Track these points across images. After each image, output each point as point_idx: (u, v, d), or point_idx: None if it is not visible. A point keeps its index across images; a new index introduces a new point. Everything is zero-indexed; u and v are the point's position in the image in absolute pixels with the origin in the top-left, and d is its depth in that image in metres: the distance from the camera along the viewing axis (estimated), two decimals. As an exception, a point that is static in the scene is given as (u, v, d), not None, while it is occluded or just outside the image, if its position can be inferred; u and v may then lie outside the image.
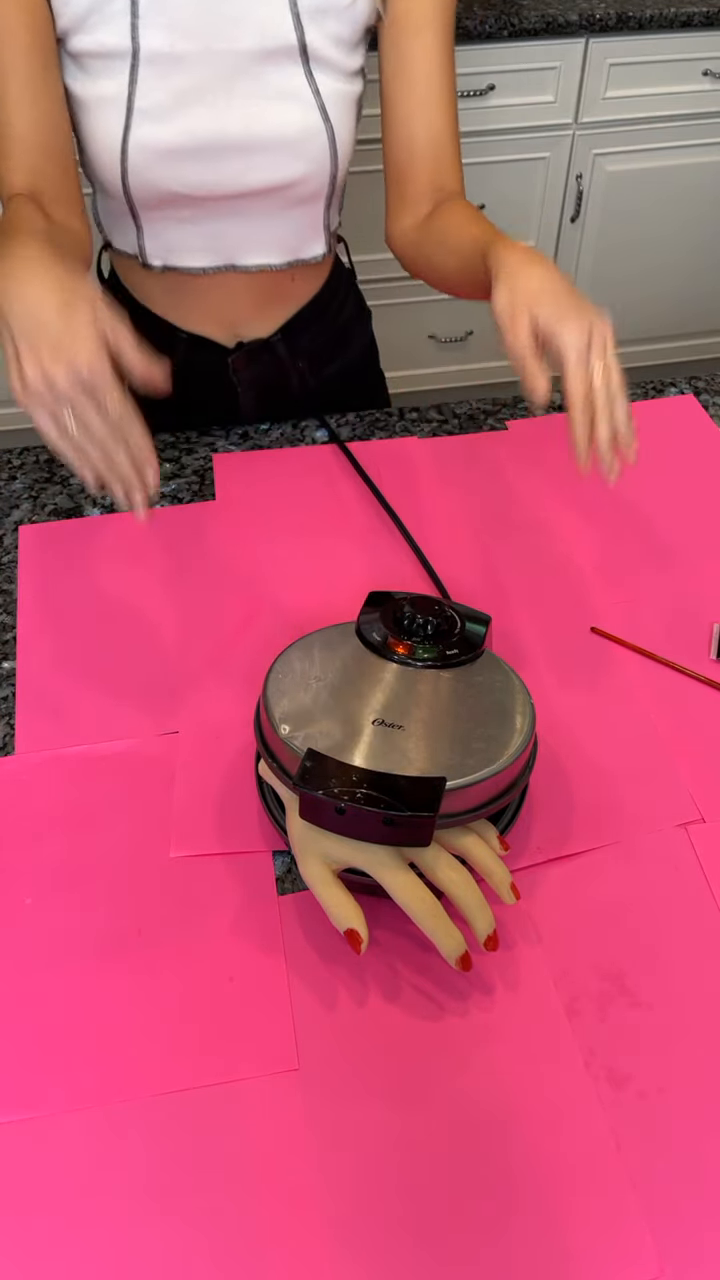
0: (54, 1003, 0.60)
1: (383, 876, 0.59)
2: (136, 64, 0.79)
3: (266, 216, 0.89)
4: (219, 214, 0.88)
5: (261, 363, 1.00)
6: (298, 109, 0.83)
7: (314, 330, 1.01)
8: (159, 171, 0.83)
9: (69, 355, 0.60)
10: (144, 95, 0.80)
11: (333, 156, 0.86)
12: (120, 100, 0.80)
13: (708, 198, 2.19)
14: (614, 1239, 0.52)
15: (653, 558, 0.88)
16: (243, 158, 0.84)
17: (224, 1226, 0.52)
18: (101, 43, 0.78)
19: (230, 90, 0.81)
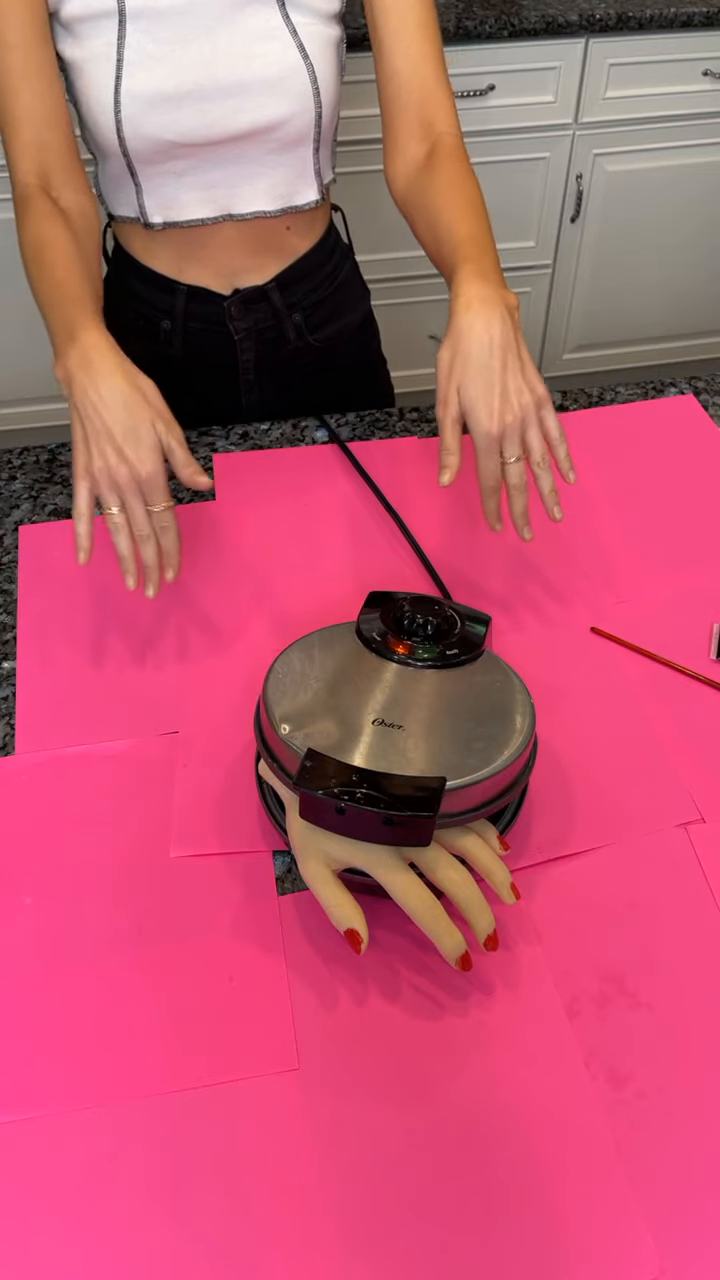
0: (54, 1003, 0.60)
1: (383, 876, 0.59)
2: (124, 20, 0.84)
3: (258, 163, 0.93)
4: (213, 162, 0.92)
5: (257, 311, 1.02)
6: (277, 48, 0.87)
7: (309, 284, 1.04)
8: (151, 120, 0.87)
9: (133, 457, 0.70)
10: (132, 47, 0.84)
11: (315, 95, 0.89)
12: (110, 55, 0.85)
13: (708, 198, 2.19)
14: (614, 1239, 0.52)
15: (653, 558, 0.88)
16: (230, 99, 0.87)
17: (224, 1226, 0.52)
18: (89, 6, 0.83)
19: (213, 35, 0.85)
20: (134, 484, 0.71)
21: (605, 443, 0.99)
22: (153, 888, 0.65)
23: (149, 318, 1.03)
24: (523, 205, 2.12)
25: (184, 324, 1.02)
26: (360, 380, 1.15)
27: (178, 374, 1.05)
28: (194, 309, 1.01)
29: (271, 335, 1.04)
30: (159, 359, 1.04)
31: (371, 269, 1.44)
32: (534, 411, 0.75)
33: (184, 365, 1.05)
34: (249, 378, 1.06)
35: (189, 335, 1.03)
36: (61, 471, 0.97)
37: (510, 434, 0.75)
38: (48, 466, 0.98)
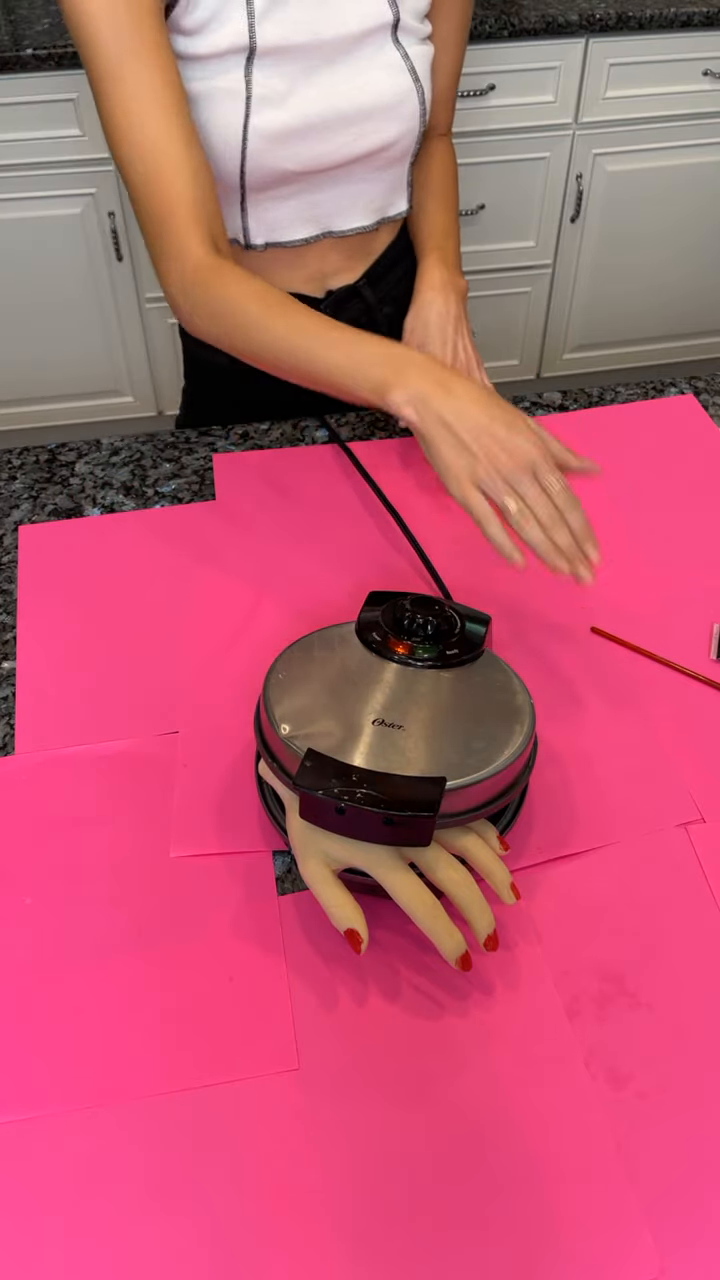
0: (54, 1003, 0.60)
1: (383, 876, 0.59)
2: (253, 58, 0.84)
3: (362, 181, 0.96)
4: (319, 186, 0.94)
5: (351, 309, 1.04)
6: (391, 75, 0.90)
7: (395, 274, 1.06)
8: (276, 154, 0.88)
9: (515, 445, 0.68)
10: (260, 84, 0.85)
11: (422, 114, 0.93)
12: (239, 92, 0.84)
13: (708, 198, 2.19)
14: (614, 1239, 0.52)
15: (653, 558, 0.88)
16: (350, 128, 0.90)
17: (224, 1226, 0.52)
18: (218, 44, 0.82)
19: (335, 69, 0.88)
20: (524, 471, 0.68)
21: (605, 443, 0.99)
22: (153, 888, 0.65)
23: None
24: (523, 205, 2.12)
25: None
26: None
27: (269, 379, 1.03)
28: None
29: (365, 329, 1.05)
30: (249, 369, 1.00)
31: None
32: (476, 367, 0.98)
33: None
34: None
35: None
36: (61, 471, 0.97)
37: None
38: (48, 466, 0.98)
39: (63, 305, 2.10)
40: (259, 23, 0.82)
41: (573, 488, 0.71)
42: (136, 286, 2.10)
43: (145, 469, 0.97)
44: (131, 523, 0.91)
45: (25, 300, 2.09)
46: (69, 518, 0.92)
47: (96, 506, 0.93)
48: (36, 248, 2.01)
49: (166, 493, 0.95)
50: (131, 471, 0.97)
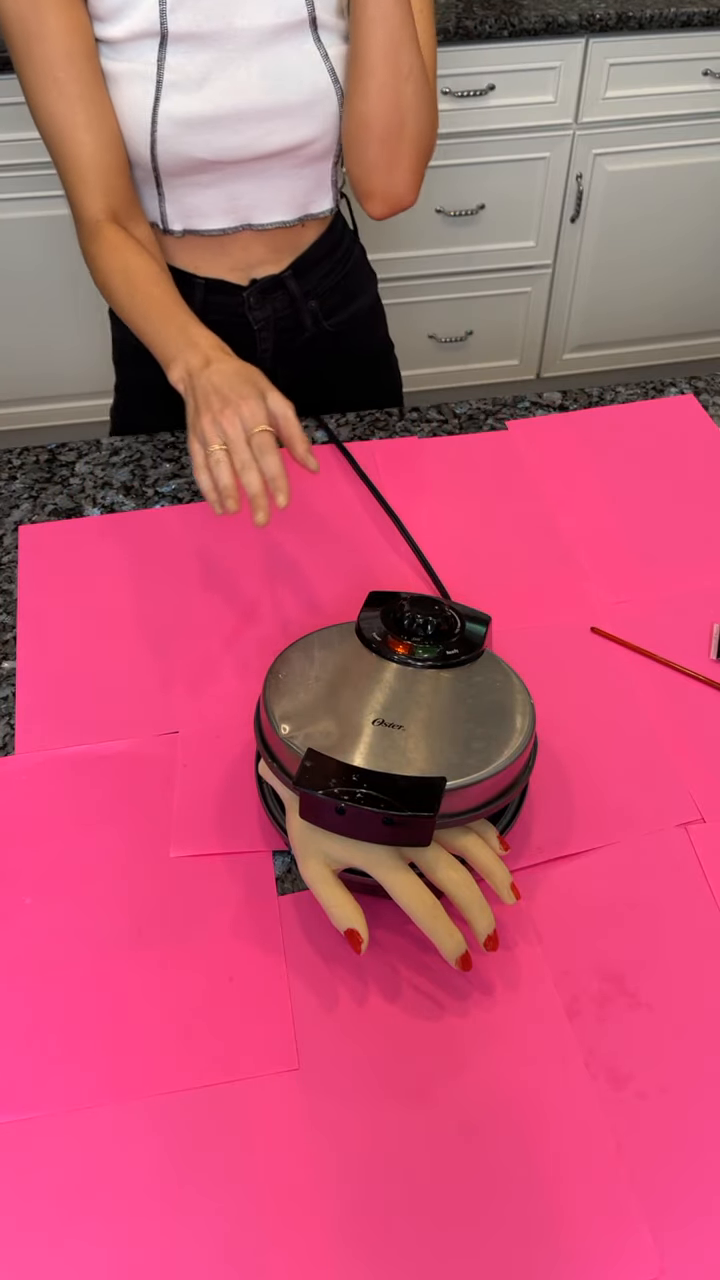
0: (54, 1003, 0.60)
1: (383, 876, 0.59)
2: (165, 44, 0.85)
3: (281, 177, 0.95)
4: (237, 177, 0.93)
5: (275, 300, 1.04)
6: (310, 73, 0.89)
7: (322, 270, 1.06)
8: (186, 140, 0.89)
9: (235, 397, 0.73)
10: (172, 70, 0.86)
11: (339, 117, 0.92)
12: (149, 76, 0.86)
13: (708, 198, 2.19)
14: (614, 1239, 0.52)
15: (653, 558, 0.88)
16: (262, 123, 0.90)
17: (224, 1226, 0.52)
18: (131, 29, 0.84)
19: (249, 61, 0.87)
20: (235, 417, 0.72)
21: (605, 443, 0.99)
22: (153, 888, 0.65)
23: None
24: (523, 205, 2.12)
25: (203, 316, 1.02)
26: (371, 365, 1.17)
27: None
28: (213, 300, 1.02)
29: (288, 324, 1.06)
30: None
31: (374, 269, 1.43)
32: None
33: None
34: (266, 366, 1.07)
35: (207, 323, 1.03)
36: (61, 471, 0.97)
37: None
38: (48, 466, 0.98)
39: (63, 305, 2.10)
40: (170, 9, 0.83)
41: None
42: (136, 286, 2.10)
43: (145, 469, 0.97)
44: (131, 523, 0.91)
45: (25, 300, 2.09)
46: (69, 518, 0.92)
47: (96, 506, 0.93)
48: (37, 248, 2.01)
49: (166, 493, 0.95)
50: (131, 471, 0.97)
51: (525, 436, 1.00)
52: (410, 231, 2.09)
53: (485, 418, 1.03)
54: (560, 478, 0.96)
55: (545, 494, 0.94)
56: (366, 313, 1.14)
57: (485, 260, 2.19)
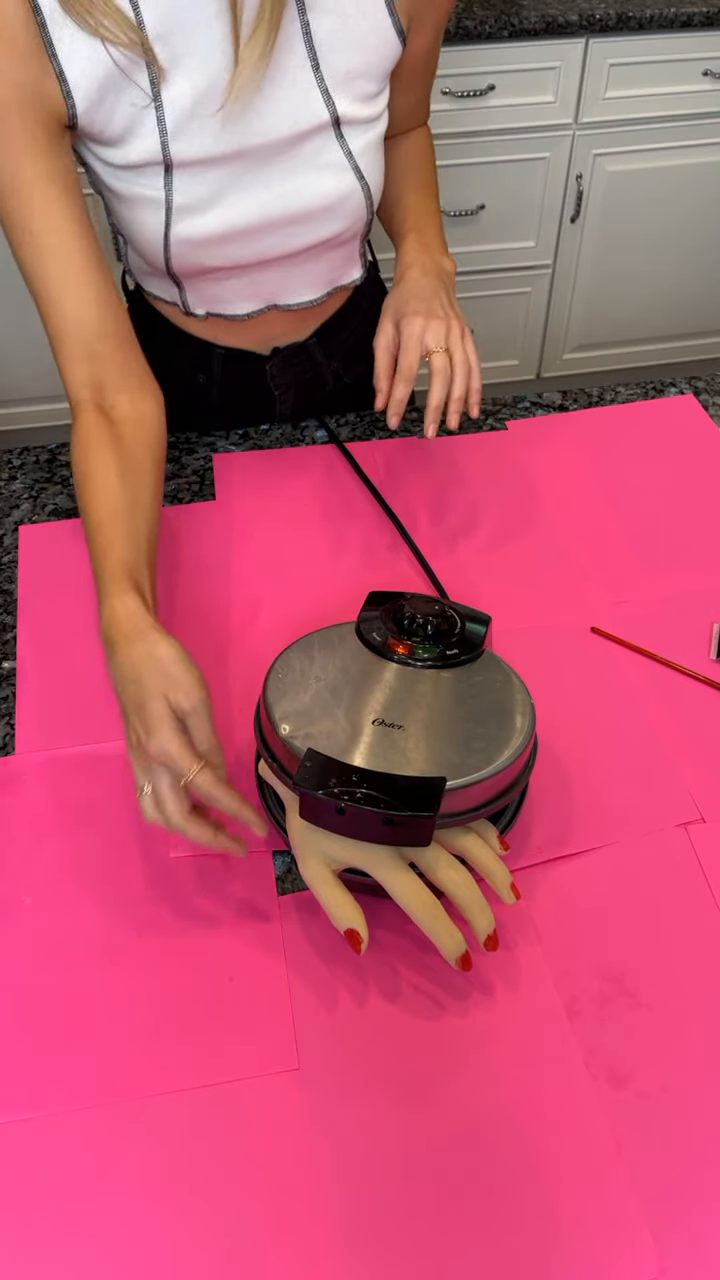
0: (54, 1003, 0.60)
1: (383, 876, 0.59)
2: (171, 172, 0.78)
3: (306, 263, 0.91)
4: (260, 270, 0.89)
5: (297, 366, 1.01)
6: (333, 176, 0.83)
7: (346, 331, 1.03)
8: (202, 254, 0.85)
9: (151, 739, 0.60)
10: (181, 192, 0.80)
11: (368, 206, 0.87)
12: (159, 201, 0.80)
13: (708, 198, 2.19)
14: (614, 1239, 0.52)
15: (653, 558, 0.88)
16: (283, 230, 0.85)
17: (224, 1226, 0.52)
18: (131, 159, 0.78)
19: (267, 175, 0.81)
20: (160, 769, 0.61)
21: (605, 443, 0.99)
22: (153, 888, 0.65)
23: (183, 372, 1.00)
24: (523, 205, 2.12)
25: (221, 380, 1.00)
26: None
27: (212, 416, 1.03)
28: (232, 368, 0.99)
29: (310, 385, 1.04)
30: (193, 403, 1.02)
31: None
32: (458, 329, 0.84)
33: (220, 411, 1.03)
34: (285, 416, 1.06)
35: (226, 389, 1.01)
36: (61, 471, 0.97)
37: (435, 327, 0.82)
38: (48, 466, 0.98)
39: (63, 305, 2.10)
40: (172, 140, 0.76)
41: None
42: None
43: (145, 469, 0.97)
44: (131, 523, 0.91)
45: (25, 300, 2.08)
46: (69, 518, 0.92)
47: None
48: (36, 248, 2.00)
49: (166, 493, 0.95)
50: (131, 471, 0.97)
51: (525, 437, 1.00)
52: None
53: (485, 418, 1.03)
54: (560, 478, 0.96)
55: (545, 494, 0.94)
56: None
57: (485, 260, 2.19)
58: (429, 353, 0.82)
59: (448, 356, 0.82)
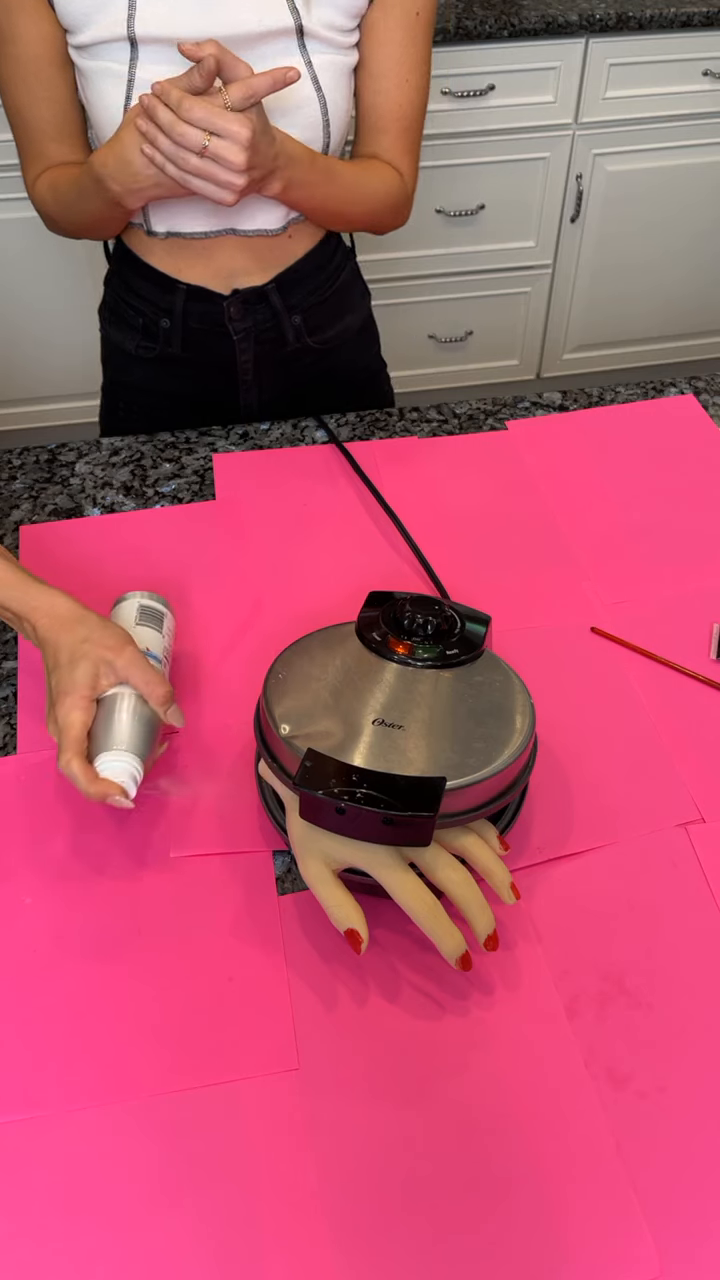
0: (54, 1003, 0.60)
1: (383, 876, 0.59)
2: (136, 49, 0.85)
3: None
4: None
5: (256, 311, 1.02)
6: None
7: (308, 286, 1.04)
8: None
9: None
10: (144, 69, 0.85)
11: (324, 125, 0.90)
12: (121, 74, 0.86)
13: (708, 198, 2.19)
14: (614, 1239, 0.52)
15: (653, 558, 0.88)
16: None
17: (224, 1226, 0.52)
18: (97, 36, 0.85)
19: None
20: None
21: (605, 443, 0.99)
22: (153, 888, 0.65)
23: (149, 315, 1.03)
24: (523, 205, 2.12)
25: (183, 322, 1.02)
26: (360, 384, 1.15)
27: (177, 372, 1.06)
28: (193, 308, 1.01)
29: (270, 336, 1.04)
30: (159, 357, 1.05)
31: (371, 269, 1.44)
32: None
33: (183, 363, 1.06)
34: (247, 378, 1.07)
35: (188, 334, 1.03)
36: (61, 471, 0.97)
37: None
38: (48, 466, 0.98)
39: (63, 305, 2.10)
40: (138, 14, 0.83)
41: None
42: (136, 286, 2.10)
43: (145, 469, 0.97)
44: (131, 523, 0.91)
45: (26, 300, 2.09)
46: (69, 518, 0.92)
47: (96, 506, 0.93)
48: (36, 248, 2.01)
49: (166, 493, 0.95)
50: (131, 471, 0.97)
51: (525, 436, 1.00)
52: (410, 231, 2.09)
53: (485, 418, 1.03)
54: (560, 478, 0.96)
55: (545, 494, 0.94)
56: (356, 332, 1.12)
57: (485, 260, 2.19)
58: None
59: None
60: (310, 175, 0.88)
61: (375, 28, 0.90)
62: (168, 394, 1.09)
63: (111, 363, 1.13)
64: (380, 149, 0.97)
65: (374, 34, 0.91)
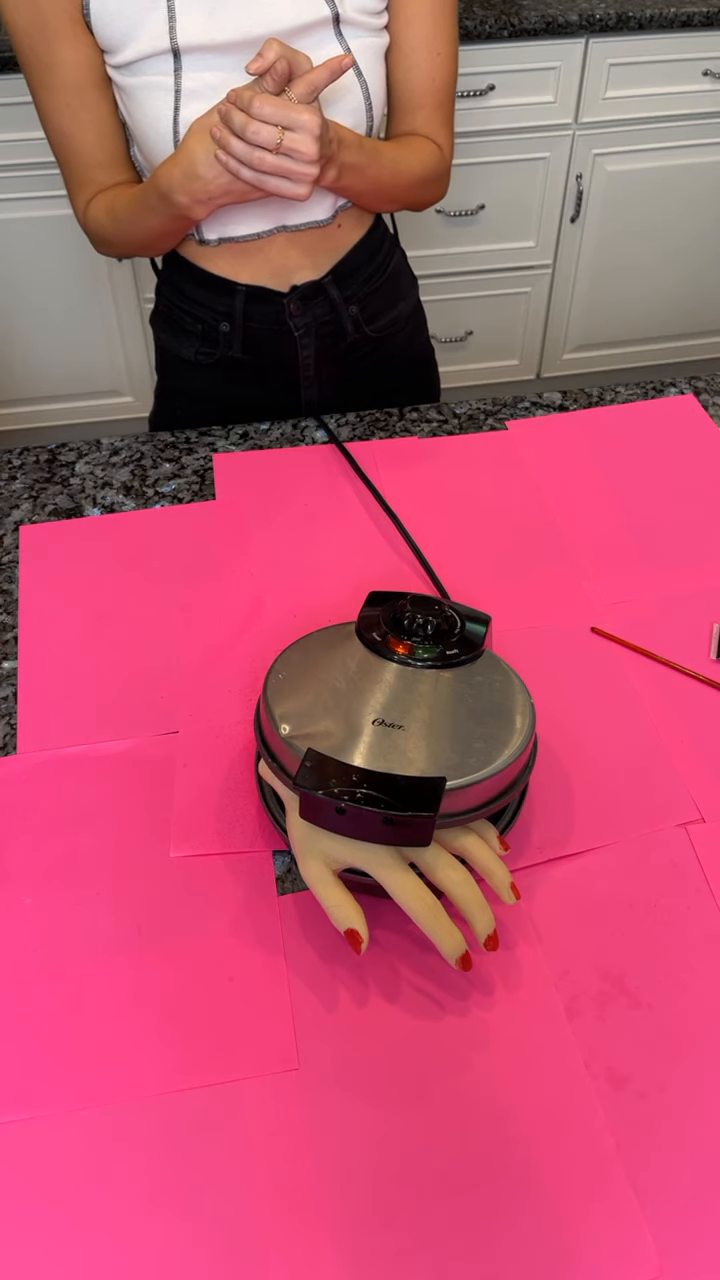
0: (54, 1002, 0.60)
1: (383, 876, 0.59)
2: (179, 59, 0.86)
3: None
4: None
5: (316, 306, 1.03)
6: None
7: (363, 275, 1.05)
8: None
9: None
10: (190, 78, 0.86)
11: (368, 109, 0.92)
12: (167, 86, 0.87)
13: (708, 198, 2.19)
14: (614, 1239, 0.52)
15: (653, 558, 0.88)
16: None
17: (224, 1226, 0.52)
18: (140, 51, 0.85)
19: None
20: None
21: (605, 443, 0.99)
22: (153, 888, 0.65)
23: (207, 321, 1.04)
24: (523, 205, 2.12)
25: (243, 324, 1.03)
26: (412, 370, 1.17)
27: (238, 376, 1.06)
28: (252, 309, 1.02)
29: (330, 329, 1.05)
30: (219, 361, 1.06)
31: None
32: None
33: (244, 366, 1.06)
34: (309, 374, 1.07)
35: (249, 336, 1.04)
36: (61, 471, 0.97)
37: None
38: (48, 466, 0.98)
39: (63, 305, 2.10)
40: (179, 23, 0.84)
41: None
42: (136, 286, 2.10)
43: (145, 469, 0.97)
44: (131, 523, 0.91)
45: (25, 300, 2.09)
46: (69, 518, 0.92)
47: (96, 506, 0.93)
48: (37, 247, 2.01)
49: (166, 493, 0.95)
50: (131, 471, 0.97)
51: (525, 436, 1.00)
52: (410, 231, 2.09)
53: (485, 418, 1.03)
54: (560, 478, 0.96)
55: (545, 494, 0.94)
56: (408, 318, 1.13)
57: (485, 260, 2.19)
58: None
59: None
60: (360, 158, 0.89)
61: (404, 6, 0.92)
62: (227, 398, 1.09)
63: (168, 371, 1.13)
64: (417, 124, 0.99)
65: (403, 13, 0.92)
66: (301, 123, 0.75)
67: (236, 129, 0.76)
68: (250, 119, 0.75)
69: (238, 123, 0.76)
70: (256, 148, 0.76)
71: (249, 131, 0.75)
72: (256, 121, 0.75)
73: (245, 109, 0.75)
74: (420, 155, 0.98)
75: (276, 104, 0.75)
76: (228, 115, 0.76)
